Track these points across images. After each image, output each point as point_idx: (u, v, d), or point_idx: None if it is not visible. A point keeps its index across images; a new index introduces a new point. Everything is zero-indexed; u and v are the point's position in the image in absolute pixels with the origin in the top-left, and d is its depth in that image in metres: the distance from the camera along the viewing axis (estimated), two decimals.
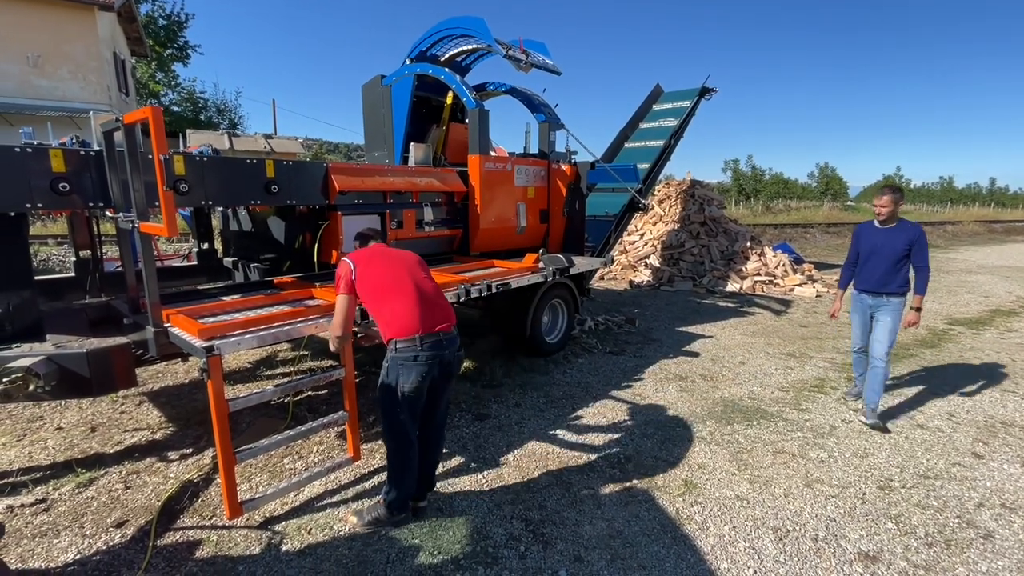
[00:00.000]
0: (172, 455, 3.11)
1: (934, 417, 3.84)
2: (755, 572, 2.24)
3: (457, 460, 3.12)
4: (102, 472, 2.92)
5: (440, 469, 2.99)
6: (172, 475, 2.90)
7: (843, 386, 4.43)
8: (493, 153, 5.29)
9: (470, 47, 5.39)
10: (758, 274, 8.99)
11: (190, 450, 3.18)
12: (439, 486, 2.82)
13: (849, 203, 42.73)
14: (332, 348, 2.52)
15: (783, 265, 9.20)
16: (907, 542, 2.45)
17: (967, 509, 2.72)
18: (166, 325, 2.63)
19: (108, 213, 2.80)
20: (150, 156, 2.61)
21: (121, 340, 2.81)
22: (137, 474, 2.91)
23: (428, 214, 4.46)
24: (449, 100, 5.50)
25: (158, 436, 3.36)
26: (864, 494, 2.83)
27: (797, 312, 7.28)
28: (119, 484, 2.81)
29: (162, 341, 2.58)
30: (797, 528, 2.53)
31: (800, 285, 8.71)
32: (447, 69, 5.05)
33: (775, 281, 8.89)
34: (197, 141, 12.68)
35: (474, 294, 3.66)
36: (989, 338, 6.09)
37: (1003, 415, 3.91)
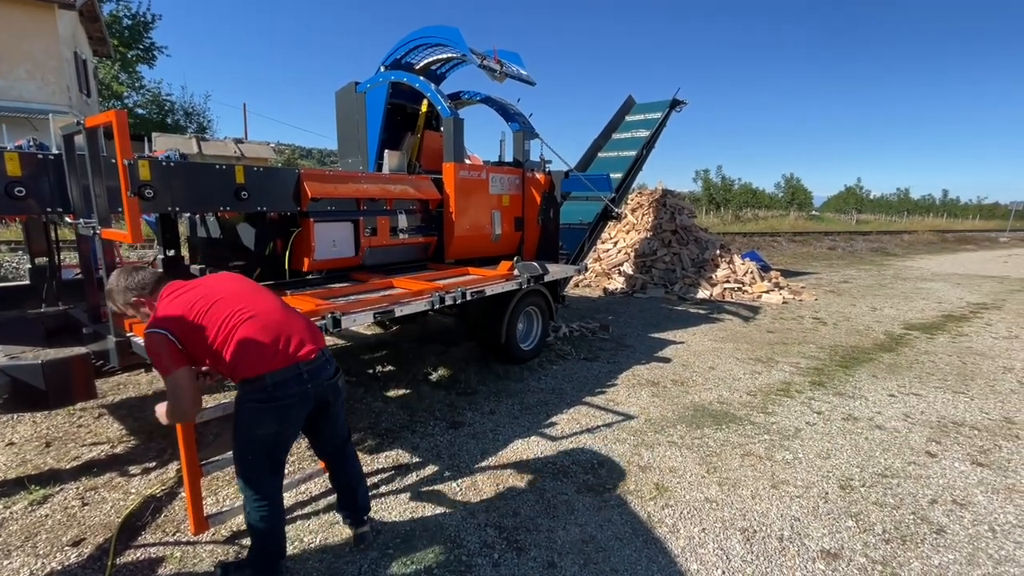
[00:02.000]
0: (134, 469, 3.00)
1: (891, 418, 4.01)
2: (723, 572, 2.29)
3: (431, 469, 3.10)
4: (57, 489, 2.79)
5: (414, 478, 2.98)
6: (133, 490, 2.79)
7: (807, 390, 4.58)
8: (468, 161, 5.32)
9: (445, 56, 5.42)
10: (727, 281, 9.23)
11: (153, 464, 3.07)
12: (410, 495, 2.80)
13: (814, 212, 44.36)
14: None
15: (751, 273, 9.48)
16: (866, 539, 2.55)
17: (921, 506, 2.85)
18: (129, 334, 2.55)
19: (68, 219, 2.71)
20: (113, 160, 2.54)
21: (80, 350, 2.72)
22: (95, 490, 2.79)
23: (402, 221, 4.45)
24: (424, 108, 5.52)
25: (119, 450, 3.23)
26: (827, 493, 2.93)
27: (764, 318, 7.50)
28: (76, 501, 2.69)
29: (125, 351, 2.50)
30: (764, 528, 2.60)
31: (767, 292, 8.98)
32: (422, 77, 5.07)
33: (744, 288, 9.15)
34: (163, 145, 12.33)
35: (448, 301, 3.65)
36: (942, 342, 6.39)
37: (954, 416, 4.11)
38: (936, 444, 3.60)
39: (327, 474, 2.42)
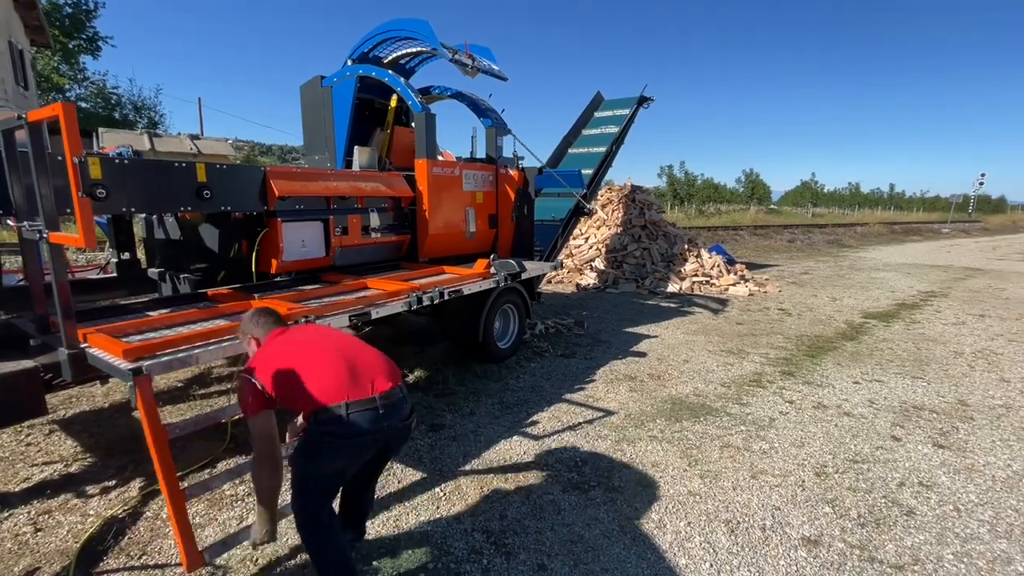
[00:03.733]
0: (91, 489, 2.81)
1: (858, 405, 4.17)
2: (711, 565, 2.32)
3: (413, 474, 3.02)
4: (6, 514, 2.58)
5: (396, 485, 2.90)
6: (92, 512, 2.61)
7: (778, 380, 4.71)
8: (441, 158, 5.22)
9: (414, 50, 5.29)
10: (696, 275, 9.43)
11: (112, 482, 2.88)
12: (393, 503, 2.72)
13: (772, 206, 45.92)
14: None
15: (718, 266, 9.71)
16: (843, 524, 2.63)
17: (891, 489, 2.96)
18: (83, 345, 2.37)
19: (9, 222, 2.49)
20: (60, 158, 2.35)
21: (27, 364, 2.51)
22: (49, 514, 2.59)
23: (374, 220, 4.32)
24: (393, 103, 5.37)
25: (73, 469, 3.02)
26: (803, 481, 3.01)
27: (733, 310, 7.69)
28: (28, 526, 2.49)
29: (79, 363, 2.31)
30: (746, 519, 2.65)
31: (734, 285, 9.22)
32: (391, 71, 4.93)
33: (711, 281, 9.36)
34: (113, 141, 11.63)
35: (426, 302, 3.57)
36: (898, 330, 6.70)
37: (914, 400, 4.31)
38: (900, 428, 3.76)
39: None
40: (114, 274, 3.97)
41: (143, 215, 3.84)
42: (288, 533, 2.39)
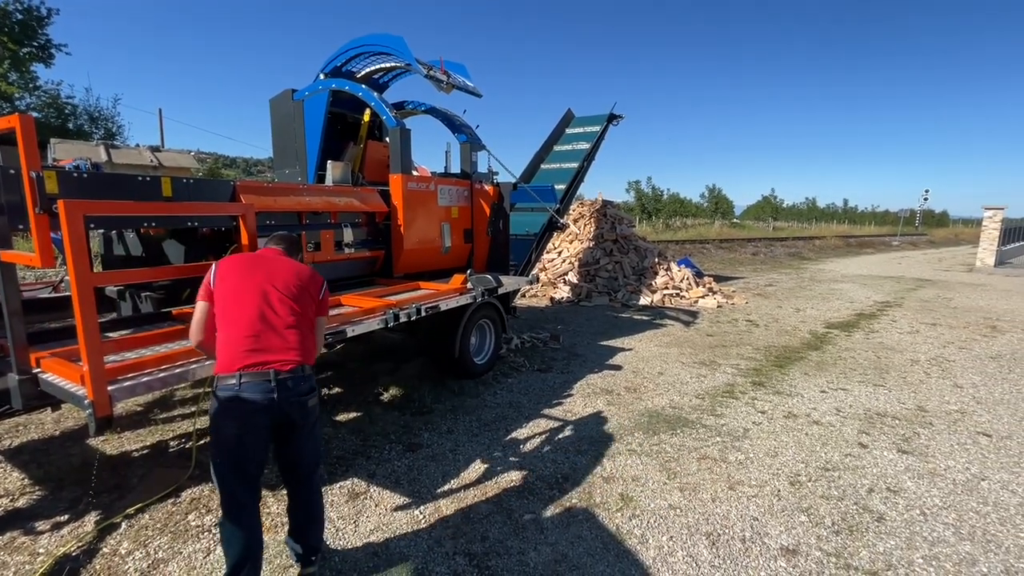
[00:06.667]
0: (41, 525, 2.61)
1: (826, 413, 4.30)
2: None
3: (390, 496, 2.93)
4: None
5: (373, 508, 2.81)
6: (42, 550, 2.42)
7: (750, 390, 4.82)
8: (416, 173, 5.19)
9: (388, 65, 5.28)
10: (666, 288, 9.62)
11: (65, 517, 2.68)
12: (370, 527, 2.63)
13: (735, 220, 47.52)
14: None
15: (687, 279, 9.93)
16: (819, 532, 2.68)
17: (861, 495, 3.05)
18: (35, 371, 2.22)
19: None
20: (12, 172, 2.22)
21: None
22: None
23: (348, 235, 4.24)
24: (366, 118, 5.33)
25: (20, 504, 2.81)
26: (779, 491, 3.07)
27: (703, 322, 7.87)
28: None
29: (30, 390, 2.17)
30: (726, 531, 2.67)
31: (703, 297, 9.44)
32: (364, 86, 4.90)
33: (681, 294, 9.57)
34: (66, 152, 11.11)
35: (403, 319, 3.52)
36: (858, 339, 6.98)
37: (877, 407, 4.47)
38: (866, 435, 3.89)
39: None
40: (67, 293, 3.75)
41: (101, 230, 3.66)
42: None
